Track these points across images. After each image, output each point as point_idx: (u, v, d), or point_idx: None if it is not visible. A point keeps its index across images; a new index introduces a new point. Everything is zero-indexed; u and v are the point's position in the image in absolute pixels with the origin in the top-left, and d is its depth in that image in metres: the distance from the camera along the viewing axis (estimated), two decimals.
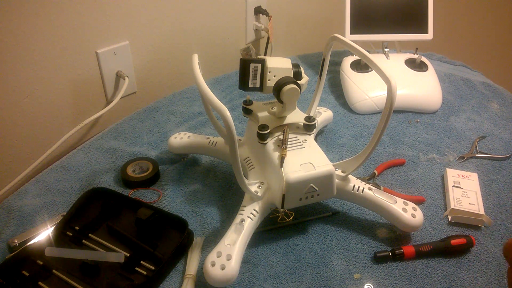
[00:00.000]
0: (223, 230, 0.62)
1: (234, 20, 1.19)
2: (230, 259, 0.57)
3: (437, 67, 1.13)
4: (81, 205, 0.71)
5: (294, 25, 1.39)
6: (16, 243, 0.65)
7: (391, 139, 0.92)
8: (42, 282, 0.59)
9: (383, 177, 0.82)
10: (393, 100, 0.57)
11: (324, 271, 0.63)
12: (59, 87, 0.87)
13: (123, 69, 0.96)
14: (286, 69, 0.66)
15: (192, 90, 1.08)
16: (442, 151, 0.88)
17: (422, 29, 1.06)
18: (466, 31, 1.85)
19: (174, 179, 0.79)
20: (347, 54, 1.13)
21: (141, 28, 0.97)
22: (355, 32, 1.05)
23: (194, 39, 1.10)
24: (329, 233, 0.70)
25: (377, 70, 0.59)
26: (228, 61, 1.22)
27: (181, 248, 0.64)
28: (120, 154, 0.85)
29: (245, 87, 0.66)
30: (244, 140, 0.76)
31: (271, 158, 0.64)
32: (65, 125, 0.90)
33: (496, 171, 0.84)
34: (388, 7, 1.06)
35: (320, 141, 0.91)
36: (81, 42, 0.87)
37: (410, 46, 1.16)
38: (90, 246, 0.65)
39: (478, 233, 0.70)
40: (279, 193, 0.61)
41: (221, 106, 0.52)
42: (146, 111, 1.00)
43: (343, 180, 0.67)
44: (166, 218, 0.68)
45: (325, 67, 0.73)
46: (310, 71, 1.17)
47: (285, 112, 0.68)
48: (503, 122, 0.99)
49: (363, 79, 1.03)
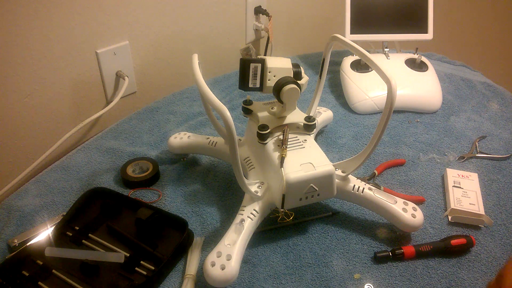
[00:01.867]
0: (223, 230, 0.62)
1: (234, 20, 1.19)
2: (230, 259, 0.57)
3: (437, 67, 1.13)
4: (81, 205, 0.71)
5: (294, 25, 1.39)
6: (16, 243, 0.65)
7: (391, 139, 0.92)
8: (42, 282, 0.59)
9: (383, 177, 0.82)
10: (393, 100, 0.57)
11: (324, 271, 0.63)
12: (59, 87, 0.87)
13: (123, 69, 0.96)
14: (286, 69, 0.66)
15: (192, 90, 1.08)
16: (442, 151, 0.88)
17: (422, 29, 1.06)
18: (466, 31, 1.85)
19: (174, 179, 0.79)
20: (347, 54, 1.13)
21: (141, 28, 0.97)
22: (355, 32, 1.05)
23: (194, 39, 1.10)
24: (329, 233, 0.70)
25: (377, 70, 0.59)
26: (228, 61, 1.22)
27: (181, 248, 0.64)
28: (120, 154, 0.85)
29: (245, 87, 0.66)
30: (244, 140, 0.76)
31: (271, 158, 0.64)
32: (65, 125, 0.90)
33: (496, 171, 0.84)
34: (388, 7, 1.06)
35: (320, 141, 0.91)
36: (81, 42, 0.87)
37: (410, 46, 1.16)
38: (90, 246, 0.65)
39: (478, 233, 0.70)
40: (279, 193, 0.61)
41: (221, 106, 0.52)
42: (146, 111, 1.00)
43: (343, 180, 0.67)
44: (166, 218, 0.68)
45: (325, 67, 0.73)
46: (310, 71, 1.17)
47: (285, 112, 0.68)
48: (503, 122, 0.99)
49: (363, 79, 1.03)
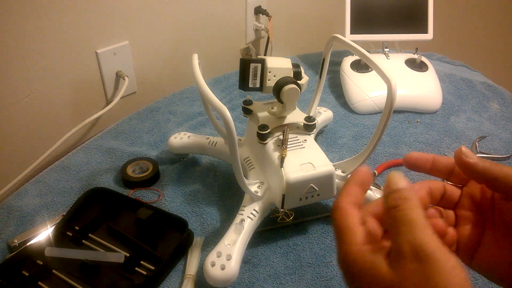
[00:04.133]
0: (223, 230, 0.62)
1: (234, 20, 1.19)
2: (230, 259, 0.57)
3: (437, 67, 1.13)
4: (81, 205, 0.71)
5: (294, 25, 1.39)
6: (16, 243, 0.65)
7: (391, 139, 0.92)
8: (42, 282, 0.59)
9: (383, 177, 0.82)
10: (393, 100, 0.57)
11: (324, 271, 0.63)
12: (59, 87, 0.87)
13: (123, 69, 0.96)
14: (286, 69, 0.66)
15: (192, 90, 1.08)
16: (442, 151, 0.88)
17: (422, 29, 1.06)
18: (466, 31, 1.85)
19: (174, 179, 0.79)
20: (347, 54, 1.13)
21: (141, 28, 0.97)
22: (355, 32, 1.05)
23: (194, 39, 1.10)
24: (329, 233, 0.69)
25: (377, 70, 0.59)
26: (228, 61, 1.22)
27: (181, 248, 0.64)
28: (120, 154, 0.85)
29: (245, 87, 0.66)
30: (244, 140, 0.76)
31: (271, 158, 0.64)
32: (65, 125, 0.90)
33: None
34: (388, 7, 1.06)
35: (320, 141, 0.91)
36: (81, 42, 0.87)
37: (410, 46, 1.16)
38: (90, 246, 0.65)
39: None
40: (279, 193, 0.61)
41: (221, 106, 0.52)
42: (146, 111, 1.00)
43: (343, 180, 0.67)
44: (166, 218, 0.68)
45: (325, 67, 0.73)
46: (310, 71, 1.17)
47: (285, 112, 0.68)
48: (503, 122, 0.99)
49: (363, 79, 1.03)
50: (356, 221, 0.34)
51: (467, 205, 0.40)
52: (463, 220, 0.40)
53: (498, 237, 0.38)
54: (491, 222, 0.39)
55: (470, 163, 0.37)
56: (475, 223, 0.40)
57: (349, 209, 0.34)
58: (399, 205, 0.32)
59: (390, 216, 0.32)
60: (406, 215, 0.31)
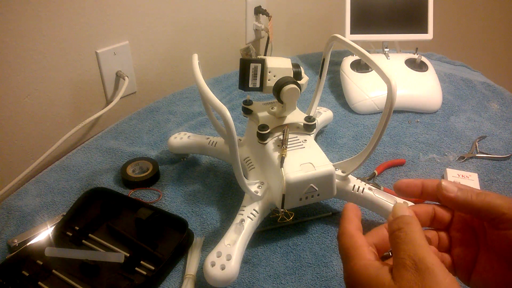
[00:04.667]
0: (223, 230, 0.62)
1: (234, 20, 1.19)
2: (230, 259, 0.57)
3: (437, 67, 1.13)
4: (81, 205, 0.71)
5: (294, 25, 1.39)
6: (16, 243, 0.65)
7: (391, 139, 0.92)
8: (42, 282, 0.59)
9: (383, 177, 0.82)
10: (393, 100, 0.57)
11: (324, 271, 0.63)
12: (59, 87, 0.87)
13: (123, 69, 0.96)
14: (286, 69, 0.66)
15: (192, 90, 1.08)
16: (442, 151, 0.88)
17: (422, 29, 1.06)
18: (466, 31, 1.85)
19: (174, 179, 0.79)
20: (347, 54, 1.13)
21: (141, 28, 0.97)
22: (355, 32, 1.05)
23: (194, 38, 1.10)
24: (329, 233, 0.69)
25: (377, 70, 0.59)
26: (228, 61, 1.22)
27: (181, 248, 0.64)
28: (120, 154, 0.85)
29: (245, 87, 0.66)
30: (244, 140, 0.76)
31: (271, 158, 0.64)
32: (65, 125, 0.90)
33: (496, 171, 0.84)
34: (388, 7, 1.06)
35: (320, 141, 0.91)
36: (81, 42, 0.87)
37: (410, 46, 1.16)
38: (90, 246, 0.65)
39: None
40: (279, 193, 0.61)
41: (221, 106, 0.52)
42: (146, 111, 1.00)
43: (343, 180, 0.67)
44: (166, 218, 0.68)
45: (325, 67, 0.73)
46: (310, 71, 1.17)
47: (285, 112, 0.68)
48: (503, 122, 0.99)
49: (363, 79, 1.03)
50: (363, 241, 0.37)
51: (460, 226, 0.41)
52: (457, 241, 0.41)
53: (493, 261, 0.39)
54: (484, 243, 0.39)
55: (450, 197, 0.38)
56: (469, 243, 0.40)
57: (355, 233, 0.38)
58: (402, 227, 0.35)
59: (394, 236, 0.35)
60: (408, 236, 0.34)
